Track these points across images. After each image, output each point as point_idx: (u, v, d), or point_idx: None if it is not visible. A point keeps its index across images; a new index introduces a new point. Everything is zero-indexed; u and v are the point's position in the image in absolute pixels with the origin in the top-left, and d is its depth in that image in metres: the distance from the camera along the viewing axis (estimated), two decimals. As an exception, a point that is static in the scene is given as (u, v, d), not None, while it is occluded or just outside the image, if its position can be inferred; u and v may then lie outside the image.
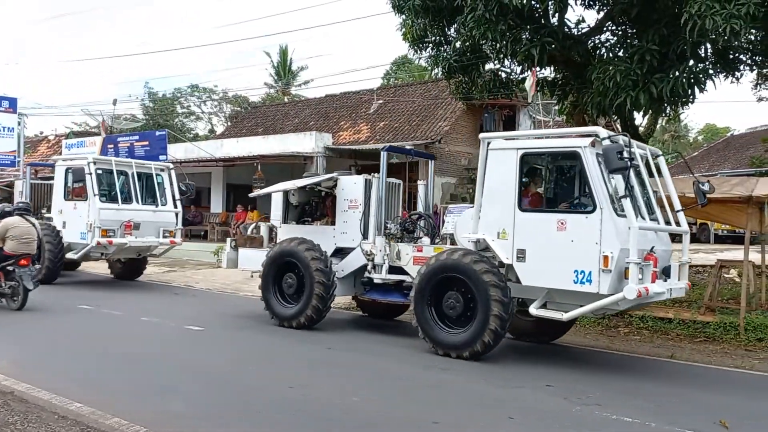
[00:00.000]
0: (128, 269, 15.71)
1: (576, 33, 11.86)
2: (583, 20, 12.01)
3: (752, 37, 10.72)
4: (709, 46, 10.26)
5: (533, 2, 10.20)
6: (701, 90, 10.19)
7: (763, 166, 14.11)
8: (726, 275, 13.01)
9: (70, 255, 13.91)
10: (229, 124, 41.37)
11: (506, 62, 12.56)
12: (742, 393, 7.05)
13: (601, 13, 11.89)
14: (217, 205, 25.84)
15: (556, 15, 11.40)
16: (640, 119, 15.24)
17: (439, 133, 22.70)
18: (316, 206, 10.70)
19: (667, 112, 13.43)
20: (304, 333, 9.66)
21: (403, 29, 12.69)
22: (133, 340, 8.85)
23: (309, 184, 10.16)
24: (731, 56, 11.33)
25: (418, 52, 13.02)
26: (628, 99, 10.01)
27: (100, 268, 17.08)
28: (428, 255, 8.70)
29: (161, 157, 22.99)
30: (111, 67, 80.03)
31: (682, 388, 7.13)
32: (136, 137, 24.59)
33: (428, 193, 11.11)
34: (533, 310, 7.85)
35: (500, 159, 8.20)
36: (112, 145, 24.84)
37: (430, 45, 12.83)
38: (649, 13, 10.35)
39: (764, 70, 13.16)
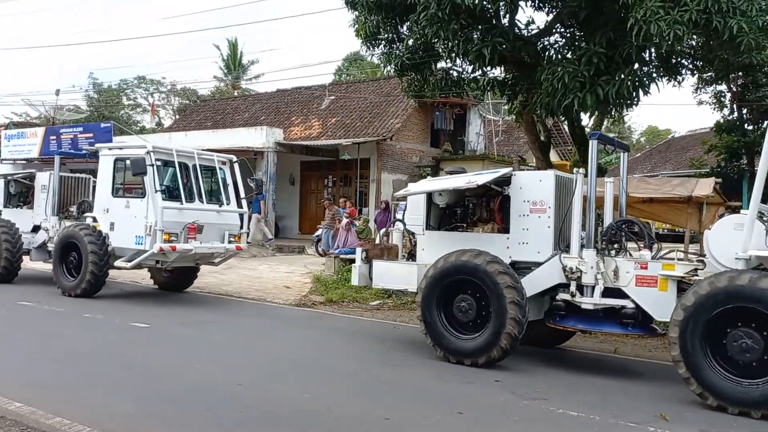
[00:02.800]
0: (176, 279, 13.35)
1: (526, 34, 12.07)
2: (533, 22, 12.24)
3: (693, 43, 11.13)
4: (653, 50, 10.58)
5: (485, 2, 10.32)
6: (645, 93, 10.51)
7: (702, 168, 14.65)
8: (666, 272, 13.44)
9: (119, 263, 11.65)
10: (177, 117, 40.51)
11: (458, 61, 12.67)
12: (682, 386, 7.29)
13: (551, 15, 12.12)
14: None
15: (507, 16, 11.57)
16: (586, 120, 15.62)
17: (391, 131, 22.77)
18: (474, 209, 8.57)
19: (613, 113, 13.82)
20: (254, 331, 9.55)
21: (356, 26, 12.66)
22: (77, 337, 8.58)
23: (488, 181, 7.84)
24: (674, 61, 11.72)
25: (371, 49, 13.01)
26: (576, 100, 10.24)
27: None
28: (654, 273, 7.06)
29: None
30: (54, 56, 77.34)
31: (625, 382, 7.35)
32: (80, 129, 23.88)
33: (621, 192, 8.60)
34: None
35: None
36: (54, 137, 24.05)
37: (383, 42, 12.84)
38: (596, 17, 10.61)
39: (704, 75, 13.67)
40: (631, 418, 5.80)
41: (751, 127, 13.76)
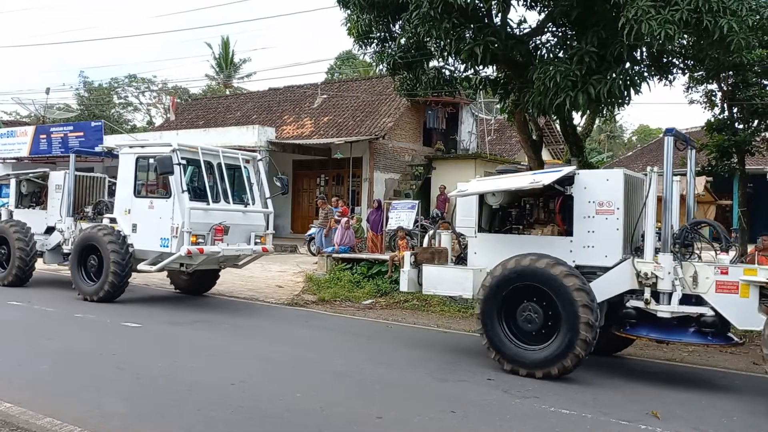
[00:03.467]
0: (197, 282, 12.88)
1: (518, 33, 12.07)
2: (525, 21, 12.24)
3: (685, 42, 11.17)
4: (644, 49, 10.61)
5: (477, 1, 10.32)
6: (636, 92, 10.53)
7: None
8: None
9: (142, 266, 11.20)
10: (168, 116, 40.36)
11: (450, 60, 12.68)
12: (672, 384, 7.34)
13: (542, 15, 12.14)
14: (155, 198, 25.17)
15: (499, 15, 11.58)
16: (578, 119, 15.66)
17: (383, 129, 22.76)
18: (531, 210, 8.15)
19: (604, 112, 13.86)
20: (245, 330, 9.54)
21: (348, 24, 12.64)
22: (68, 337, 8.54)
23: (554, 180, 7.29)
24: (665, 60, 11.76)
25: (363, 47, 12.99)
26: (567, 99, 10.25)
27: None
28: (735, 279, 6.69)
29: (97, 149, 22.28)
30: (44, 54, 76.87)
31: (616, 381, 7.37)
32: (71, 128, 23.77)
33: (690, 193, 8.42)
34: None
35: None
36: (44, 136, 23.92)
37: (375, 41, 12.82)
38: (588, 16, 10.63)
39: (695, 74, 13.72)
40: (623, 416, 5.83)
41: (741, 126, 13.80)
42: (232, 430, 5.19)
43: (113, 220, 11.68)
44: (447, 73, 13.48)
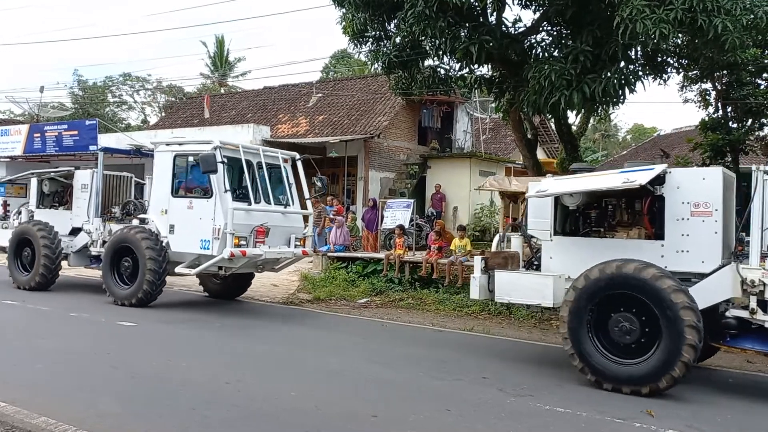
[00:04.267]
0: (230, 286, 12.33)
1: (513, 32, 12.10)
2: (520, 20, 12.28)
3: (679, 41, 11.21)
4: (639, 48, 10.64)
5: (472, 0, 10.34)
6: (631, 91, 10.58)
7: (687, 165, 14.77)
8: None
9: (180, 269, 10.63)
10: (163, 114, 40.27)
11: (445, 59, 12.71)
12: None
13: (537, 14, 12.17)
14: (150, 197, 25.10)
15: (494, 14, 11.61)
16: (573, 118, 15.70)
17: (379, 128, 22.74)
18: (613, 212, 7.58)
19: (599, 111, 13.90)
20: (239, 329, 9.53)
21: (343, 23, 12.65)
22: (62, 336, 8.51)
23: (650, 180, 6.63)
24: (659, 59, 11.81)
25: (358, 46, 13.01)
26: (562, 98, 10.29)
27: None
28: None
29: (91, 148, 22.18)
30: (38, 53, 76.54)
31: (611, 378, 7.38)
32: (65, 126, 23.55)
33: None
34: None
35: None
36: (38, 135, 23.77)
37: (370, 40, 12.85)
38: (583, 15, 10.66)
39: (690, 73, 13.77)
40: (618, 414, 5.84)
41: (735, 125, 13.88)
42: (227, 429, 5.18)
43: (143, 221, 11.29)
44: (442, 71, 13.51)
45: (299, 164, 11.98)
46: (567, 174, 8.80)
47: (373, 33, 12.66)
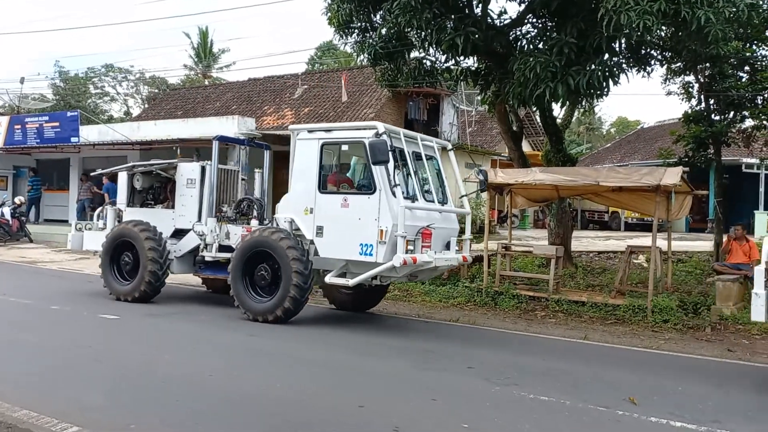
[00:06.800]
0: (362, 296, 10.52)
1: (498, 24, 12.12)
2: (505, 12, 12.29)
3: (663, 34, 11.28)
4: (623, 41, 10.71)
5: (458, -9, 10.35)
6: (615, 83, 10.64)
7: (670, 157, 14.88)
8: (635, 260, 13.73)
9: (331, 279, 9.10)
10: (146, 106, 39.90)
11: (431, 51, 12.70)
12: (649, 371, 7.46)
13: (523, 6, 12.19)
14: (133, 189, 24.87)
15: (480, 6, 11.61)
16: (557, 110, 15.77)
17: (365, 120, 22.71)
18: None
19: (583, 103, 13.97)
20: (224, 321, 9.49)
21: (329, 14, 12.59)
22: (44, 330, 8.43)
23: None
24: (643, 51, 11.88)
25: (344, 37, 12.96)
26: (547, 90, 10.32)
27: None
28: None
29: (73, 139, 21.94)
30: (18, 43, 75.43)
31: (595, 368, 7.47)
32: (46, 118, 23.34)
33: None
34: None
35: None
36: (19, 126, 23.50)
37: (356, 31, 12.80)
38: (567, 7, 10.69)
39: (673, 66, 13.86)
40: (601, 402, 5.90)
41: (718, 118, 13.97)
42: (211, 420, 5.16)
43: (261, 221, 10.26)
44: (428, 63, 13.50)
45: (452, 155, 10.36)
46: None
47: (359, 24, 12.61)
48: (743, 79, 13.53)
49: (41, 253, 18.39)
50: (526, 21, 12.33)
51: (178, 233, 10.93)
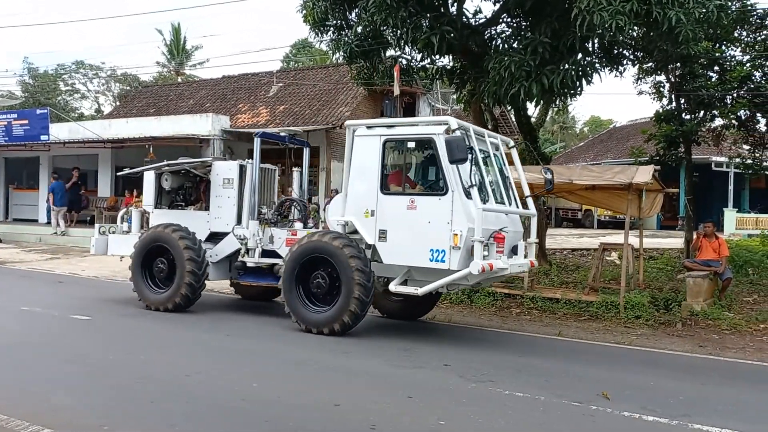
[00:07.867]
0: (411, 303, 9.74)
1: (474, 23, 12.17)
2: (480, 11, 12.37)
3: (635, 34, 11.44)
4: (596, 40, 10.83)
5: (433, -10, 10.37)
6: (588, 82, 10.76)
7: (642, 156, 15.09)
8: (608, 257, 13.92)
9: (397, 287, 8.35)
10: (117, 103, 39.35)
11: (407, 49, 12.71)
12: (622, 366, 7.57)
13: (498, 5, 12.25)
14: (105, 188, 24.51)
15: (455, 4, 11.65)
16: (532, 109, 15.90)
17: (340, 119, 22.62)
18: None
19: (557, 102, 14.10)
20: (198, 320, 9.40)
21: (304, 11, 12.52)
22: (14, 330, 8.27)
23: None
24: (616, 51, 12.05)
25: (320, 35, 12.90)
26: (522, 89, 10.40)
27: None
28: None
29: (43, 138, 21.56)
30: (-16, 39, 73.72)
31: (569, 364, 7.56)
32: (15, 115, 22.93)
33: None
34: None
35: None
36: (-14, 123, 23.01)
37: (332, 29, 12.75)
38: (542, 7, 10.78)
39: (644, 66, 14.07)
40: (575, 397, 5.97)
41: (688, 117, 14.22)
42: (187, 421, 5.11)
43: (305, 224, 9.81)
44: (404, 62, 13.50)
45: (514, 152, 9.62)
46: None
47: (335, 22, 12.56)
48: (713, 79, 13.78)
49: (10, 253, 18.03)
50: (501, 20, 12.40)
51: (214, 237, 10.23)
